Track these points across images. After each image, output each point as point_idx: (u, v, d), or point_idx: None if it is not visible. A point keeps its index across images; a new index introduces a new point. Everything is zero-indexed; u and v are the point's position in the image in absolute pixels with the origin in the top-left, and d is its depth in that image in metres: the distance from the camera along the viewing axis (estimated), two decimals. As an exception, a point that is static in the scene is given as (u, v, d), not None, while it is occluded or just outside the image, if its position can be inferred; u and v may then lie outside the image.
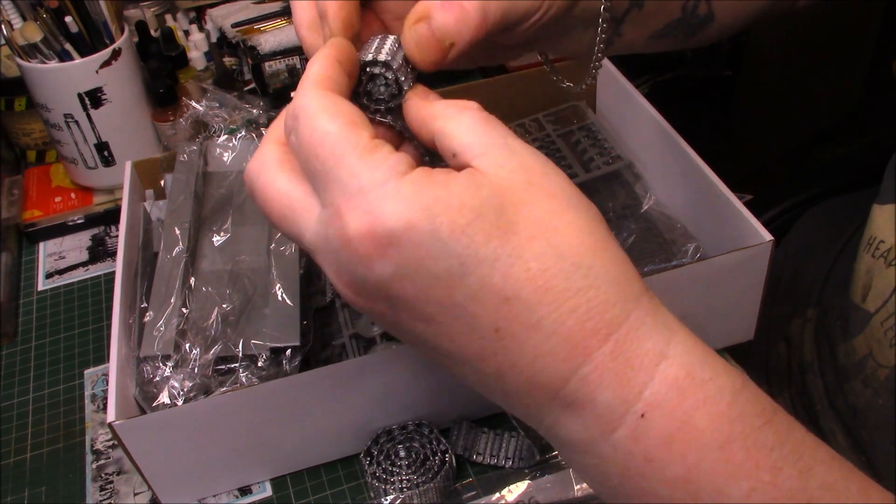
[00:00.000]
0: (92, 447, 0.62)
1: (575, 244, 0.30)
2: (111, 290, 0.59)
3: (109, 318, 0.57)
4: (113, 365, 0.53)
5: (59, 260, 0.79)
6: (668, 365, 0.30)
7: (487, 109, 0.35)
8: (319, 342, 0.62)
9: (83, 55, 0.75)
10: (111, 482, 0.59)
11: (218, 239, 0.63)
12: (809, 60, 1.47)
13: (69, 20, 0.74)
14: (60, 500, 0.59)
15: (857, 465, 0.31)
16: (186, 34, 0.97)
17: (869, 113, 1.41)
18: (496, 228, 0.30)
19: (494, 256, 0.30)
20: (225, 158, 0.69)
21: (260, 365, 0.55)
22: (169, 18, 1.00)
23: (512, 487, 0.55)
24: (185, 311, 0.57)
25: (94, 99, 0.77)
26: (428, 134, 0.35)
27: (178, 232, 0.61)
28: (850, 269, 0.62)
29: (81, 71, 0.75)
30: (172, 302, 0.57)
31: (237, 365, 0.55)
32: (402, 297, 0.31)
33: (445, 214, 0.30)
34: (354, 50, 0.36)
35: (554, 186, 0.31)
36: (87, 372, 0.68)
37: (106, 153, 0.81)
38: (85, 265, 0.79)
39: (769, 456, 0.29)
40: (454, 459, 0.55)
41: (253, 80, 0.86)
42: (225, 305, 0.58)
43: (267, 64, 0.84)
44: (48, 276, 0.78)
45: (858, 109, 1.55)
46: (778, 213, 0.86)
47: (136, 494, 0.58)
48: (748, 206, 0.58)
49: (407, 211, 0.30)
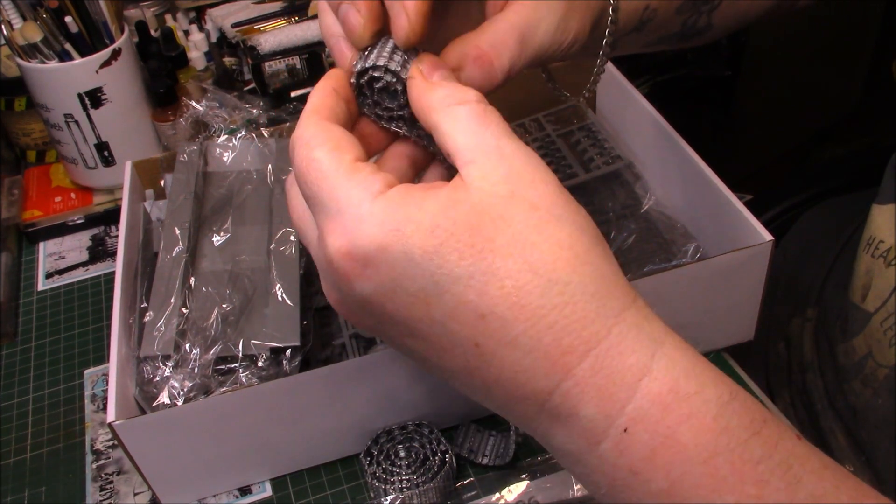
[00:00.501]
0: (92, 447, 0.62)
1: (551, 260, 0.30)
2: (111, 290, 0.59)
3: (109, 318, 0.57)
4: (113, 365, 0.53)
5: (59, 260, 0.79)
6: (651, 380, 0.30)
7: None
8: (319, 342, 0.62)
9: (83, 55, 0.75)
10: (111, 482, 0.59)
11: (218, 239, 0.63)
12: (809, 60, 1.47)
13: (69, 20, 0.74)
14: (60, 500, 0.59)
15: (856, 465, 0.31)
16: (186, 34, 0.97)
17: (869, 113, 1.41)
18: (470, 247, 0.30)
19: (468, 274, 0.30)
20: (225, 158, 0.69)
21: (260, 365, 0.55)
22: (169, 18, 1.00)
23: (512, 487, 0.55)
24: (185, 311, 0.57)
25: (94, 99, 0.77)
26: (427, 125, 0.35)
27: (178, 232, 0.61)
28: (849, 269, 0.62)
29: (81, 71, 0.75)
30: (172, 302, 0.57)
31: (237, 365, 0.55)
32: (384, 313, 0.32)
33: (416, 235, 0.30)
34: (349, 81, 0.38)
35: (538, 196, 0.31)
36: (87, 372, 0.68)
37: (106, 153, 0.81)
38: (85, 265, 0.79)
39: (755, 469, 0.29)
40: (454, 459, 0.55)
41: (253, 80, 0.86)
42: (225, 305, 0.58)
43: (267, 64, 0.84)
44: (48, 276, 0.78)
45: (858, 109, 1.55)
46: (778, 213, 0.86)
47: (136, 494, 0.58)
48: (748, 206, 0.58)
49: (379, 233, 0.31)
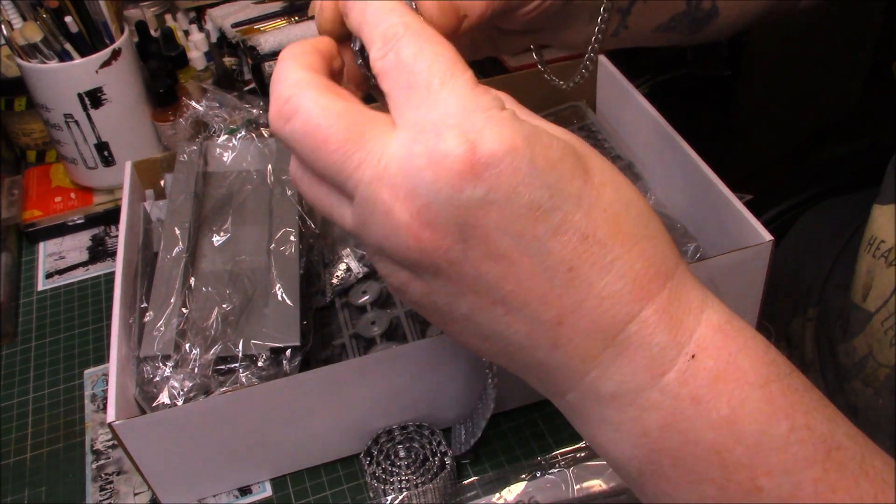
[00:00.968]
0: (92, 447, 0.62)
1: (636, 198, 0.32)
2: (111, 290, 0.59)
3: (109, 318, 0.57)
4: (113, 365, 0.53)
5: (59, 260, 0.79)
6: (711, 312, 0.32)
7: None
8: (319, 342, 0.62)
9: (83, 55, 0.75)
10: (111, 482, 0.59)
11: (218, 239, 0.63)
12: (809, 60, 1.47)
13: (69, 20, 0.74)
14: (60, 500, 0.59)
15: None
16: (186, 34, 0.97)
17: (869, 113, 1.41)
18: (579, 168, 0.31)
19: (578, 194, 0.30)
20: (225, 158, 0.69)
21: (260, 365, 0.55)
22: (169, 18, 1.00)
23: (512, 487, 0.55)
24: (185, 311, 0.57)
25: (94, 99, 0.77)
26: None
27: (178, 232, 0.61)
28: (850, 269, 0.62)
29: (81, 71, 0.75)
30: (172, 302, 0.57)
31: (237, 365, 0.55)
32: (481, 226, 0.30)
33: (541, 146, 0.30)
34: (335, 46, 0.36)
35: (600, 155, 0.33)
36: (87, 372, 0.68)
37: (106, 153, 0.81)
38: (85, 265, 0.79)
39: (803, 398, 0.31)
40: (454, 460, 0.55)
41: (253, 80, 0.86)
42: (225, 305, 0.58)
43: (267, 64, 0.84)
44: (48, 276, 0.78)
45: (858, 109, 1.55)
46: (778, 213, 0.86)
47: (136, 494, 0.58)
48: (748, 206, 0.58)
49: (510, 136, 0.29)
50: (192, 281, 0.59)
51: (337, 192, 0.32)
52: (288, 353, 0.56)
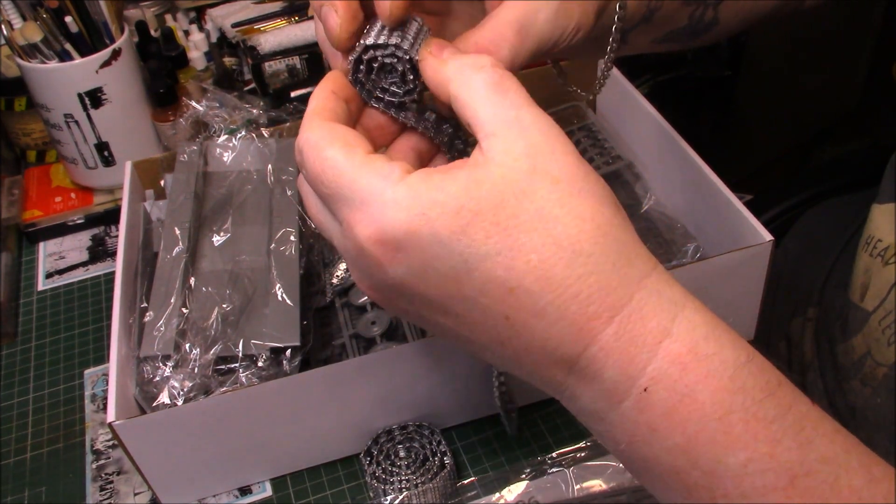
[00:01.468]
0: (92, 447, 0.62)
1: (574, 233, 0.32)
2: (111, 290, 0.59)
3: (109, 318, 0.57)
4: (113, 365, 0.53)
5: (59, 260, 0.79)
6: (671, 342, 0.31)
7: None
8: (319, 342, 0.62)
9: (83, 55, 0.75)
10: (111, 482, 0.59)
11: (218, 239, 0.63)
12: (809, 60, 1.47)
13: (69, 20, 0.74)
14: (60, 500, 0.59)
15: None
16: (186, 34, 0.97)
17: (869, 113, 1.41)
18: (495, 225, 0.31)
19: (496, 251, 0.31)
20: (225, 158, 0.69)
21: (260, 365, 0.55)
22: (169, 18, 1.00)
23: (512, 487, 0.55)
24: (185, 311, 0.57)
25: (94, 99, 0.77)
26: (444, 97, 0.36)
27: (178, 232, 0.61)
28: (850, 268, 0.62)
29: (81, 71, 0.75)
30: (172, 302, 0.57)
31: (237, 365, 0.55)
32: (417, 294, 0.33)
33: (442, 218, 0.31)
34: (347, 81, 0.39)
35: (559, 169, 0.32)
36: (87, 372, 0.68)
37: (106, 153, 0.81)
38: (85, 265, 0.79)
39: (768, 428, 0.31)
40: (454, 460, 0.55)
41: (253, 80, 0.86)
42: (225, 305, 0.58)
43: (267, 64, 0.84)
44: (48, 276, 0.78)
45: (858, 109, 1.55)
46: (778, 213, 0.86)
47: (136, 494, 0.58)
48: (748, 206, 0.58)
49: (406, 218, 0.32)
50: (192, 281, 0.59)
51: (331, 214, 0.36)
52: (288, 353, 0.56)
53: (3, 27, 0.75)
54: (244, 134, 0.70)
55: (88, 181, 0.83)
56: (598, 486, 0.55)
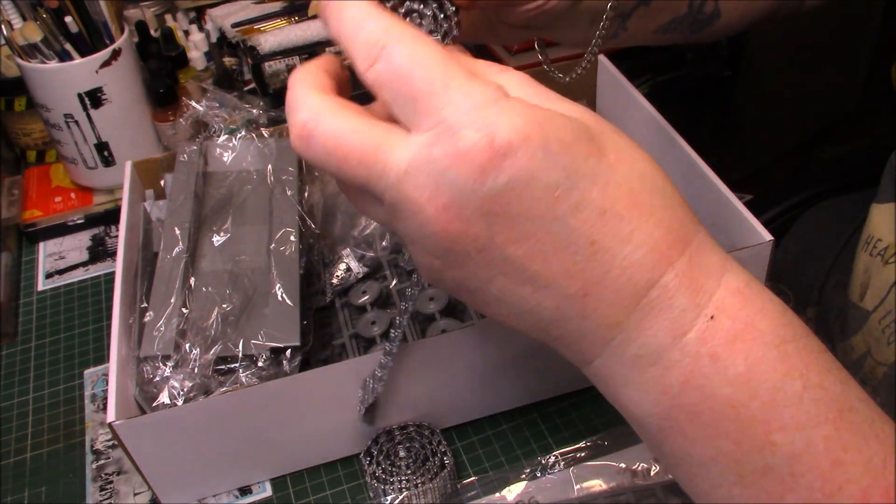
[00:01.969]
0: (92, 447, 0.62)
1: (650, 169, 0.33)
2: (111, 290, 0.59)
3: (109, 318, 0.57)
4: (113, 365, 0.53)
5: (59, 260, 0.79)
6: (730, 275, 0.33)
7: None
8: (319, 342, 0.62)
9: (83, 55, 0.75)
10: (111, 482, 0.59)
11: (218, 239, 0.63)
12: (809, 60, 1.47)
13: (69, 20, 0.74)
14: (60, 500, 0.59)
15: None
16: (186, 34, 0.97)
17: (869, 113, 1.41)
18: (592, 148, 0.32)
19: (594, 172, 0.32)
20: (225, 158, 0.69)
21: (260, 365, 0.55)
22: (169, 18, 1.00)
23: (512, 487, 0.55)
24: (185, 311, 0.57)
25: (94, 99, 0.77)
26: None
27: (178, 232, 0.61)
28: (849, 268, 0.62)
29: (81, 71, 0.75)
30: (172, 302, 0.57)
31: (237, 365, 0.55)
32: (506, 212, 0.32)
33: (554, 130, 0.31)
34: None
35: (615, 129, 0.34)
36: (87, 372, 0.68)
37: (106, 153, 0.81)
38: (85, 265, 0.79)
39: (818, 359, 0.33)
40: (454, 460, 0.55)
41: (253, 80, 0.86)
42: (225, 305, 0.58)
43: (267, 64, 0.84)
44: (48, 276, 0.78)
45: (858, 109, 1.55)
46: (778, 213, 0.86)
47: (136, 494, 0.58)
48: (748, 206, 0.58)
49: (524, 125, 0.31)
50: (192, 281, 0.59)
51: (368, 195, 0.34)
52: (288, 353, 0.56)
53: (3, 27, 0.75)
54: (244, 134, 0.70)
55: (88, 181, 0.83)
56: (598, 486, 0.55)
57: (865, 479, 0.31)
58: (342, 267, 0.66)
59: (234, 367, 0.55)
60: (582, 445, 0.57)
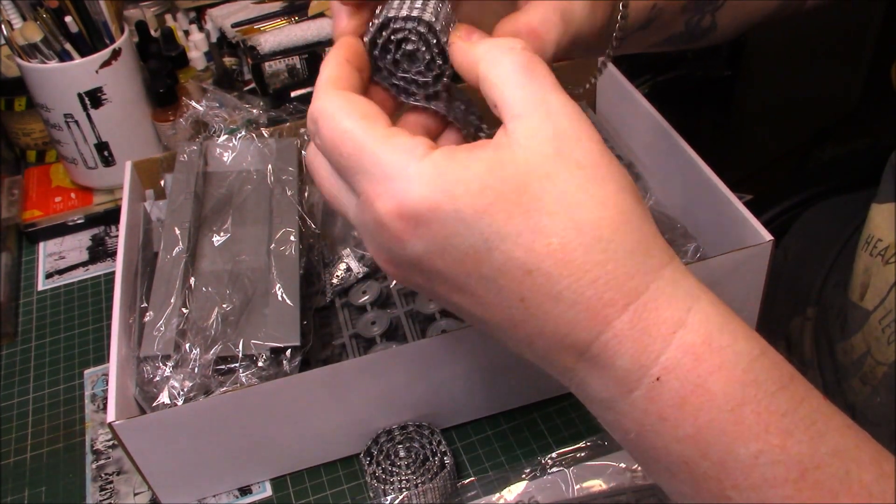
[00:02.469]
0: (92, 447, 0.62)
1: (595, 219, 0.32)
2: (111, 290, 0.59)
3: (109, 318, 0.57)
4: (113, 365, 0.53)
5: (59, 260, 0.79)
6: (685, 332, 0.31)
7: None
8: (319, 342, 0.62)
9: (83, 55, 0.75)
10: (111, 482, 0.59)
11: (218, 239, 0.63)
12: (809, 60, 1.47)
13: (69, 20, 0.74)
14: (60, 500, 0.59)
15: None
16: (186, 34, 0.97)
17: (869, 113, 1.41)
18: (518, 206, 0.31)
19: (517, 232, 0.31)
20: (225, 158, 0.69)
21: (260, 365, 0.55)
22: (169, 18, 1.00)
23: (512, 487, 0.55)
24: (185, 311, 0.57)
25: (94, 99, 0.77)
26: (473, 79, 0.36)
27: (178, 232, 0.61)
28: (849, 268, 0.62)
29: (81, 71, 0.75)
30: (172, 302, 0.57)
31: (237, 365, 0.55)
32: (435, 270, 0.33)
33: (466, 196, 0.31)
34: (362, 46, 0.38)
35: (583, 155, 0.32)
36: (87, 372, 0.68)
37: (106, 153, 0.81)
38: (85, 265, 0.79)
39: (780, 420, 0.30)
40: (454, 460, 0.55)
41: (253, 80, 0.86)
42: (225, 305, 0.58)
43: (267, 64, 0.84)
44: (48, 276, 0.78)
45: (858, 109, 1.55)
46: (778, 213, 0.86)
47: (136, 494, 0.58)
48: (748, 206, 0.58)
49: (430, 193, 0.31)
50: (192, 281, 0.59)
51: (346, 186, 0.36)
52: (288, 353, 0.56)
53: (3, 27, 0.75)
54: (244, 134, 0.70)
55: (88, 181, 0.83)
56: (598, 486, 0.55)
57: None
58: (342, 267, 0.66)
59: (234, 367, 0.55)
60: (582, 445, 0.57)
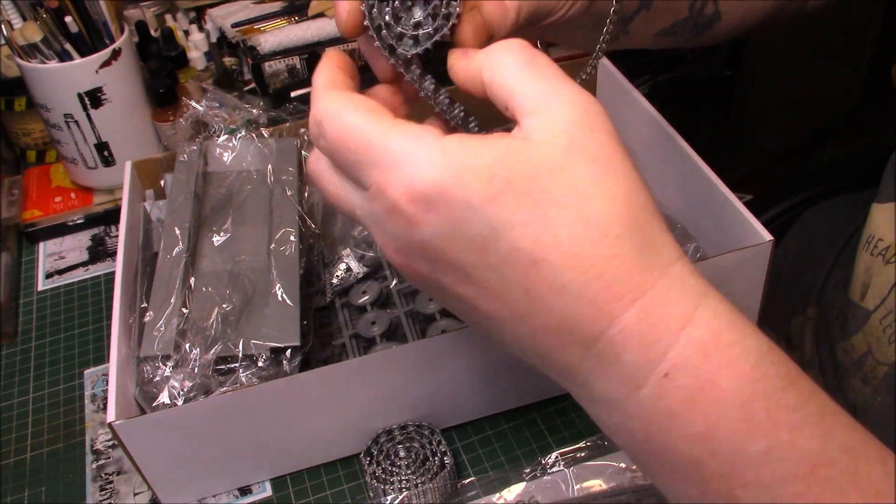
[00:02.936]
0: (92, 447, 0.62)
1: (605, 213, 0.31)
2: (111, 290, 0.59)
3: (109, 318, 0.57)
4: (113, 365, 0.53)
5: (59, 260, 0.79)
6: (693, 328, 0.31)
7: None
8: (319, 342, 0.62)
9: (83, 55, 0.75)
10: (111, 482, 0.59)
11: (218, 239, 0.63)
12: (809, 60, 1.47)
13: (69, 20, 0.74)
14: (60, 500, 0.59)
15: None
16: (186, 34, 0.97)
17: (869, 113, 1.41)
18: (527, 196, 0.31)
19: (524, 222, 0.31)
20: (225, 158, 0.69)
21: (260, 365, 0.55)
22: (169, 18, 1.00)
23: (512, 488, 0.55)
24: (185, 311, 0.57)
25: (94, 99, 0.77)
26: (479, 90, 0.36)
27: (178, 232, 0.61)
28: (850, 268, 0.62)
29: (81, 71, 0.75)
30: (172, 302, 0.57)
31: (237, 365, 0.55)
32: (442, 258, 0.33)
33: (475, 182, 0.31)
34: (349, 57, 0.38)
35: (597, 147, 0.32)
36: (87, 372, 0.68)
37: (106, 153, 0.81)
38: (85, 265, 0.79)
39: (790, 416, 0.30)
40: (454, 460, 0.55)
41: (253, 80, 0.86)
42: (225, 305, 0.58)
43: (267, 64, 0.84)
44: (48, 276, 0.78)
45: (858, 109, 1.55)
46: (778, 213, 0.86)
47: (136, 494, 0.58)
48: (748, 206, 0.58)
49: (440, 178, 0.31)
50: (192, 281, 0.59)
51: (353, 184, 0.35)
52: (288, 353, 0.56)
53: (3, 27, 0.75)
54: (244, 134, 0.70)
55: (88, 181, 0.83)
56: (598, 486, 0.55)
57: None
58: (342, 267, 0.66)
59: (234, 367, 0.55)
60: (582, 445, 0.57)
